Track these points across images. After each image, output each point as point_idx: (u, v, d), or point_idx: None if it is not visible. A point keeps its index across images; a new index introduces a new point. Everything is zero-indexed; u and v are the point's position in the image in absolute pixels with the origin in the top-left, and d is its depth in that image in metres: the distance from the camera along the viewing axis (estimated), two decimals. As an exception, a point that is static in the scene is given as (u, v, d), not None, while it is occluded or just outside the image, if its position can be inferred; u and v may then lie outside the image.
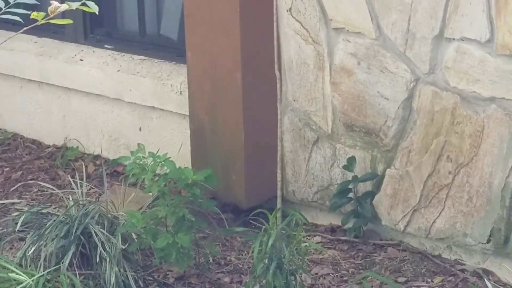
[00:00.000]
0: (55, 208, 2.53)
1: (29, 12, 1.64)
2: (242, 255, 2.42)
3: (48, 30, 3.10)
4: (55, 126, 3.64)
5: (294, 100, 2.67)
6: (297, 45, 2.65)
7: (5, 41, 2.52)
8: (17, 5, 1.56)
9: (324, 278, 2.30)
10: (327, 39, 2.54)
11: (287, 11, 2.59)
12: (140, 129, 3.21)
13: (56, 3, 1.42)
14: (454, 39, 2.22)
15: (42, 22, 1.66)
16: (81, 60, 3.34)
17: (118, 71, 3.17)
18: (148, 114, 3.17)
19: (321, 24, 2.58)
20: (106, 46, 3.33)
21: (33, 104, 3.69)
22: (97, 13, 1.63)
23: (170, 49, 3.23)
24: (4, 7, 1.65)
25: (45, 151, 3.39)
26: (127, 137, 3.32)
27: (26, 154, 3.47)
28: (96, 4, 1.54)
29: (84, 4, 1.58)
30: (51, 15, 1.43)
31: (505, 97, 2.14)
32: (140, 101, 3.15)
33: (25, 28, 1.79)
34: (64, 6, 1.61)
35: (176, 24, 3.26)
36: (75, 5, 1.57)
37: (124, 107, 3.31)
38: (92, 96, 3.39)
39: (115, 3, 3.40)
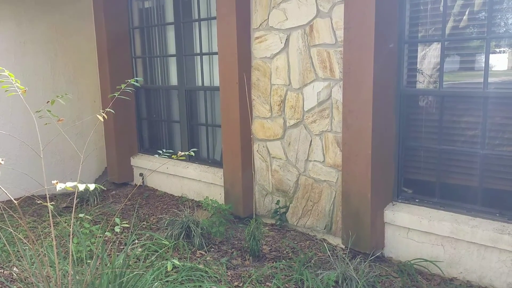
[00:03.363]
0: (178, 218, 4.45)
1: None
2: (243, 234, 4.39)
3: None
4: (178, 189, 5.80)
5: (259, 181, 4.78)
6: (258, 163, 4.76)
7: (165, 162, 5.04)
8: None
9: (269, 241, 4.34)
10: (269, 159, 4.67)
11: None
12: (208, 191, 5.39)
13: (180, 153, 3.75)
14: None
15: (175, 158, 4.28)
16: (187, 167, 5.53)
17: (200, 170, 5.36)
18: (210, 185, 5.32)
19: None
20: (195, 162, 5.57)
21: (170, 181, 5.92)
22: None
23: (219, 164, 5.35)
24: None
25: (174, 198, 5.63)
26: (203, 194, 5.44)
27: (166, 199, 5.66)
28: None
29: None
30: (179, 155, 3.50)
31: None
32: (207, 181, 5.34)
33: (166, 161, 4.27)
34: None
35: (219, 152, 5.29)
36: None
37: (202, 183, 5.42)
38: (190, 179, 5.61)
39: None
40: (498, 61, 3.46)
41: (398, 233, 3.83)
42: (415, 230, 3.71)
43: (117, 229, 2.67)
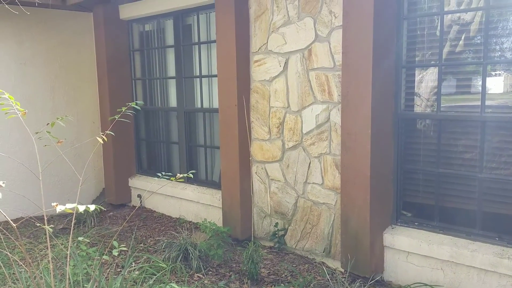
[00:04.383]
0: (176, 240, 4.42)
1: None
2: (241, 257, 4.29)
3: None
4: (176, 210, 5.77)
5: (258, 203, 4.76)
6: (257, 185, 4.76)
7: (164, 185, 4.97)
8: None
9: (267, 264, 4.26)
10: (268, 181, 4.66)
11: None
12: (205, 213, 5.35)
13: (179, 175, 3.83)
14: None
15: (174, 180, 4.37)
16: (185, 189, 5.50)
17: (198, 192, 5.31)
18: (209, 207, 5.28)
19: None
20: (194, 184, 5.54)
21: (167, 203, 5.86)
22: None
23: (217, 186, 5.32)
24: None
25: (172, 220, 5.56)
26: (201, 215, 5.39)
27: (164, 221, 5.61)
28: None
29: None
30: (177, 178, 3.71)
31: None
32: (205, 202, 5.29)
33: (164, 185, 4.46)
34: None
35: (217, 173, 5.30)
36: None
37: (200, 205, 5.38)
38: (188, 200, 5.58)
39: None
40: (495, 85, 3.47)
41: (398, 257, 3.79)
42: (415, 254, 3.67)
43: (115, 252, 2.64)
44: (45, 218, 2.50)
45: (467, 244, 3.49)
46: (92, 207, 2.32)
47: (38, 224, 2.69)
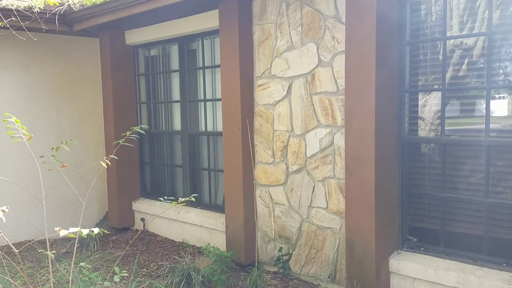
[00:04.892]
0: (178, 265, 4.36)
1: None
2: (245, 283, 4.28)
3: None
4: (179, 234, 5.72)
5: (261, 227, 4.71)
6: (261, 208, 4.72)
7: (167, 209, 5.04)
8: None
9: None
10: (272, 205, 4.61)
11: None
12: (209, 237, 5.32)
13: (181, 199, 3.78)
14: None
15: (176, 204, 4.36)
16: (189, 212, 5.47)
17: (202, 215, 5.30)
18: (212, 231, 5.24)
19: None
20: (197, 207, 5.52)
21: (171, 226, 5.84)
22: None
23: (221, 210, 5.31)
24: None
25: (175, 244, 5.53)
26: (204, 239, 5.36)
27: (167, 245, 5.57)
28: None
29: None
30: (179, 202, 3.84)
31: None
32: (209, 226, 5.24)
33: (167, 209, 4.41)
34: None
35: (221, 196, 5.28)
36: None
37: (204, 228, 5.35)
38: (192, 224, 5.53)
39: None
40: (499, 108, 3.47)
41: (404, 283, 3.73)
42: (421, 280, 3.61)
43: (116, 278, 2.61)
44: (48, 243, 2.48)
45: (474, 270, 3.43)
46: (95, 231, 2.31)
47: (40, 250, 2.66)
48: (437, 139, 3.69)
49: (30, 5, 5.13)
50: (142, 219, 6.16)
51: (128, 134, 2.97)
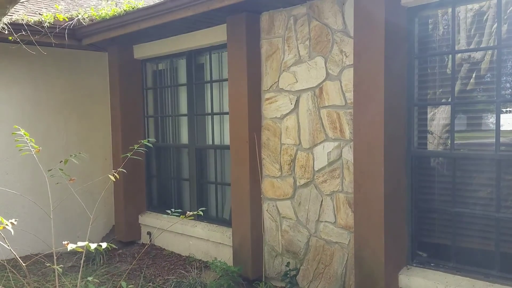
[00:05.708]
0: (185, 279, 4.50)
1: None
2: None
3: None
4: (185, 248, 5.71)
5: (269, 241, 4.66)
6: (268, 222, 4.66)
7: (174, 223, 4.99)
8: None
9: None
10: (279, 219, 4.58)
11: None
12: (216, 251, 5.32)
13: (189, 213, 3.76)
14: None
15: (183, 217, 4.32)
16: (195, 226, 5.47)
17: (209, 230, 5.27)
18: (219, 245, 5.21)
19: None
20: (204, 221, 5.41)
21: (177, 240, 5.83)
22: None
23: (227, 224, 5.28)
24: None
25: (182, 258, 5.53)
26: (211, 254, 5.32)
27: (173, 259, 5.57)
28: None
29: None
30: (187, 216, 3.75)
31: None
32: (215, 240, 5.24)
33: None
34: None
35: (228, 210, 5.28)
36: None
37: (210, 243, 5.32)
38: (198, 238, 5.51)
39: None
40: (508, 122, 3.42)
41: (414, 299, 3.65)
42: (432, 296, 3.53)
43: (123, 293, 2.57)
44: (55, 257, 2.46)
45: (486, 286, 3.36)
46: (103, 245, 2.28)
47: (48, 264, 2.64)
48: (447, 153, 3.66)
49: (40, 20, 5.22)
50: (149, 233, 6.13)
51: (135, 147, 2.96)
